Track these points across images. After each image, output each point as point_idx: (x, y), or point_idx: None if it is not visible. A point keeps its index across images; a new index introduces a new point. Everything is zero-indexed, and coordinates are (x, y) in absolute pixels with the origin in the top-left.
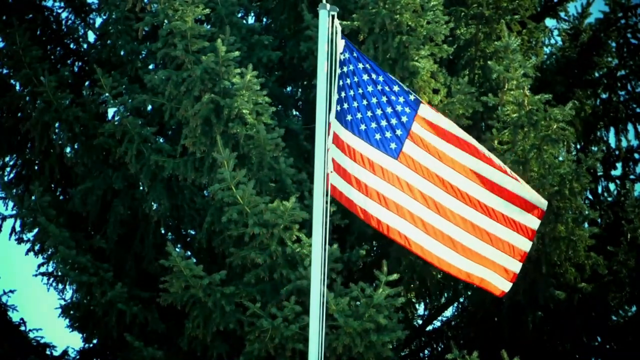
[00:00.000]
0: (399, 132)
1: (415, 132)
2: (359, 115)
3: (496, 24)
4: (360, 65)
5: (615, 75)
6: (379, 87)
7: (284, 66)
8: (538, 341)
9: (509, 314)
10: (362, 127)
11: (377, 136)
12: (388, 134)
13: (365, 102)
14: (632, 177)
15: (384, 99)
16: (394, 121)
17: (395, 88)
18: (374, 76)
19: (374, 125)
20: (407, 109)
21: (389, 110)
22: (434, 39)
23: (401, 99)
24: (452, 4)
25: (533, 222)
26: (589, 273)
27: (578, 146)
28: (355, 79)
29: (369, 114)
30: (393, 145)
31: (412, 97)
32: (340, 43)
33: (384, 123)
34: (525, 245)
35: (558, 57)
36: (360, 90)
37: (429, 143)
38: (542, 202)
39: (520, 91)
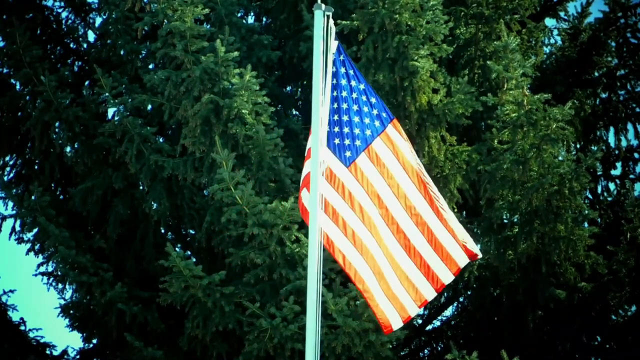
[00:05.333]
0: (358, 142)
1: (374, 148)
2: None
3: (496, 24)
4: (343, 70)
5: (614, 74)
6: (354, 95)
7: (283, 66)
8: (538, 341)
9: (509, 313)
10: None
11: (336, 141)
12: (347, 142)
13: (335, 106)
14: (631, 176)
15: (355, 107)
16: (357, 131)
17: (373, 100)
18: (353, 83)
19: (336, 129)
20: (376, 123)
21: (355, 119)
22: (433, 39)
23: (375, 112)
24: (452, 4)
25: (462, 259)
26: (588, 272)
27: (578, 146)
28: (334, 81)
29: (335, 117)
30: (348, 154)
31: (384, 115)
32: (334, 43)
33: (346, 130)
34: (446, 276)
35: (558, 56)
36: (335, 93)
37: (384, 162)
38: (475, 248)
39: (519, 91)
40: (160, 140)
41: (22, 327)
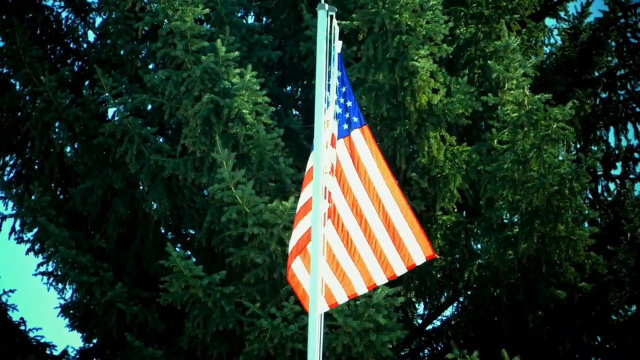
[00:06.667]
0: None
1: (352, 139)
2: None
3: (496, 24)
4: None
5: (615, 74)
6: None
7: (283, 66)
8: (538, 341)
9: (509, 313)
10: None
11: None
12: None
13: (349, 103)
14: (632, 176)
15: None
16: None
17: (349, 103)
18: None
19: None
20: (354, 119)
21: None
22: (433, 39)
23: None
24: (452, 4)
25: (419, 256)
26: (589, 272)
27: (578, 146)
28: (344, 89)
29: (347, 115)
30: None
31: (355, 119)
32: (339, 43)
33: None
34: (399, 268)
35: (558, 56)
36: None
37: (358, 153)
38: (429, 251)
39: (520, 91)
40: (161, 140)
41: (22, 327)
